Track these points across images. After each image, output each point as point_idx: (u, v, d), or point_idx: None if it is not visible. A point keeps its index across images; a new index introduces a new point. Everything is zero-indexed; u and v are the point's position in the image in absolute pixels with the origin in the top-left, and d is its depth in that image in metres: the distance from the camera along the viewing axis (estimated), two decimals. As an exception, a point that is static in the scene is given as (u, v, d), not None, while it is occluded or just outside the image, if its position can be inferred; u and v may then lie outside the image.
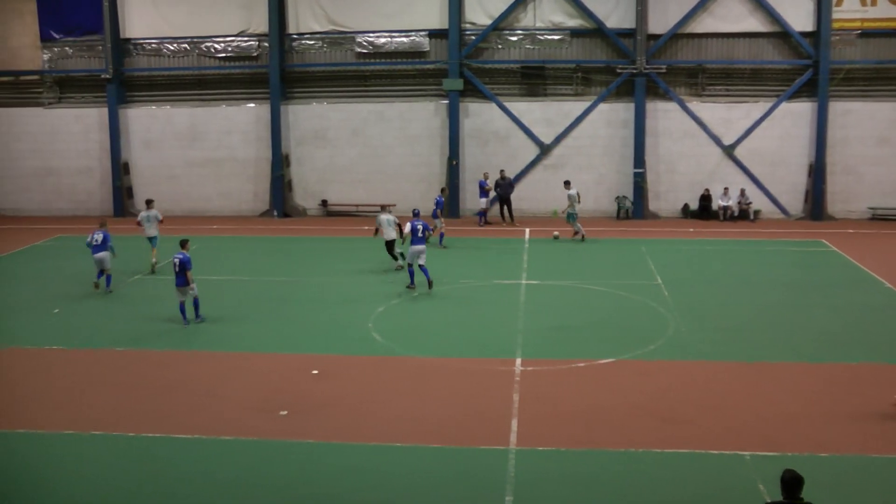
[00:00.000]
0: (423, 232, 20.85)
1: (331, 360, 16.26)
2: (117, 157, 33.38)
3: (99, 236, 21.10)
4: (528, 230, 28.81)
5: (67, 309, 20.38)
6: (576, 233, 26.76)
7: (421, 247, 20.72)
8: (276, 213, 32.31)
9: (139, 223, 23.93)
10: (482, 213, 30.31)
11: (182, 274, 18.25)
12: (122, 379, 15.59)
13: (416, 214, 21.69)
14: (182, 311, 18.62)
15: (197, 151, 33.20)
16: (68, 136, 33.90)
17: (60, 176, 34.16)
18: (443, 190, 28.98)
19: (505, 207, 30.34)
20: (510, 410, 13.51)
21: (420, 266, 20.79)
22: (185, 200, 33.00)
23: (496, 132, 31.53)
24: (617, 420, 13.16)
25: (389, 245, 23.16)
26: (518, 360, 15.86)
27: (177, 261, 18.30)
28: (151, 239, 23.65)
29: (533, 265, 23.82)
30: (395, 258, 23.07)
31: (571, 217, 26.81)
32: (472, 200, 31.22)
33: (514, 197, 30.46)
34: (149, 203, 24.30)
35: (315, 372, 15.60)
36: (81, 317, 19.78)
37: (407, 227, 21.16)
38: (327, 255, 25.58)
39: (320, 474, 11.65)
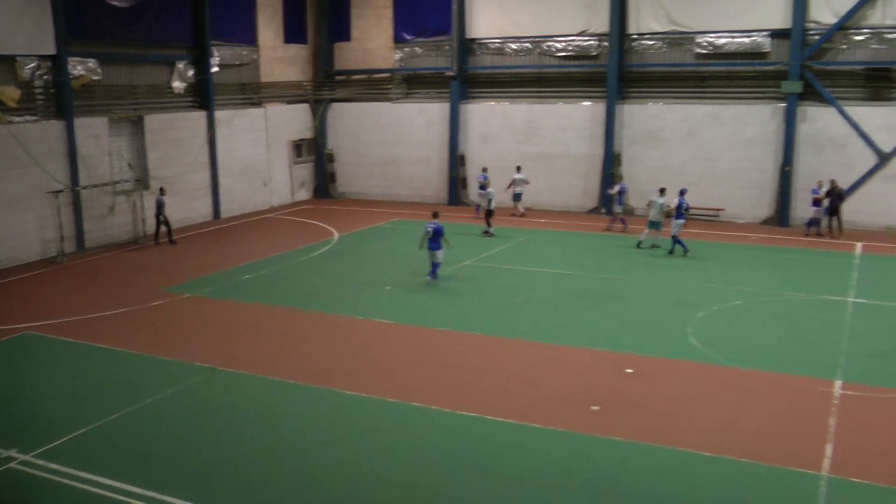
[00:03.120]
0: (686, 209, 25.53)
1: (646, 361, 16.41)
2: (455, 149, 35.73)
3: (431, 228, 22.17)
4: (860, 244, 26.86)
5: (399, 286, 22.32)
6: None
7: (681, 221, 25.52)
8: (604, 211, 32.73)
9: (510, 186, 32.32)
10: (811, 223, 28.76)
11: (436, 239, 21.90)
12: (443, 357, 16.82)
13: (682, 193, 25.74)
14: (434, 269, 22.35)
15: (531, 146, 34.42)
16: (411, 128, 36.84)
17: (402, 165, 37.28)
18: None
19: (834, 219, 28.53)
20: (825, 434, 12.98)
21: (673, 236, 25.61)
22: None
23: (833, 138, 29.53)
24: (948, 464, 12.04)
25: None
26: (838, 383, 15.11)
27: (431, 229, 21.81)
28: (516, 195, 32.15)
29: (863, 282, 22.23)
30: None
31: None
32: (802, 209, 29.63)
33: (848, 209, 28.48)
34: (518, 169, 32.45)
35: (630, 371, 15.86)
36: (410, 296, 21.51)
37: (674, 202, 25.54)
38: (648, 256, 25.64)
39: (628, 473, 11.84)
